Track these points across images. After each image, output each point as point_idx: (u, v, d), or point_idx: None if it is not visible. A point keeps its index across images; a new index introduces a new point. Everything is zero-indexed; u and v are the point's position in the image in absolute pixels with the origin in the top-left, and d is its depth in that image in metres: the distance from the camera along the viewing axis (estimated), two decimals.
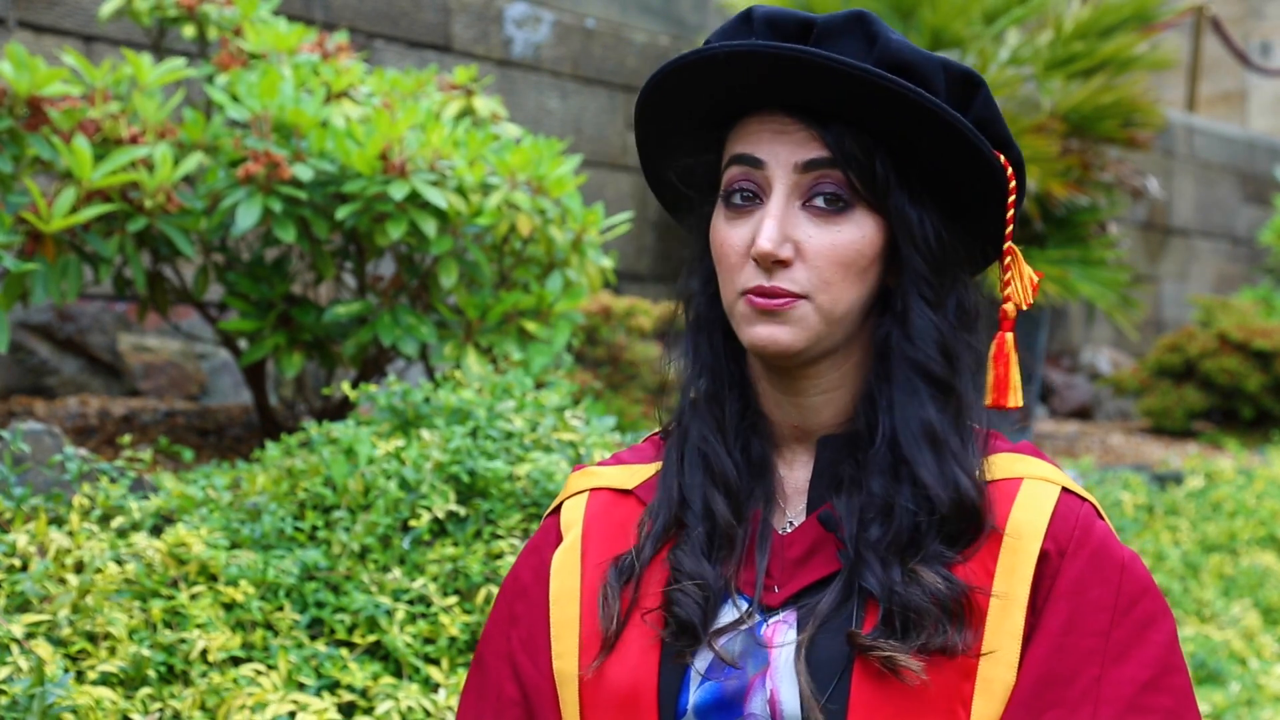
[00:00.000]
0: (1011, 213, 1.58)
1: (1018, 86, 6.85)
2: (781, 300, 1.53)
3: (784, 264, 1.53)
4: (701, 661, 1.55)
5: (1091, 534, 1.55)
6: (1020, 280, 1.62)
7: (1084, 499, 1.58)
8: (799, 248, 1.53)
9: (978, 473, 1.57)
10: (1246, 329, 8.41)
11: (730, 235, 1.57)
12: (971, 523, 1.55)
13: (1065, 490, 1.58)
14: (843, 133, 1.53)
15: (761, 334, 1.54)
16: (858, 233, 1.54)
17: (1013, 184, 1.57)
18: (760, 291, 1.54)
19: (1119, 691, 1.50)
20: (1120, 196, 7.44)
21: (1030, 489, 1.57)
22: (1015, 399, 1.61)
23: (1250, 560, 5.97)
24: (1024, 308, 1.62)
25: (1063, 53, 7.07)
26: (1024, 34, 7.22)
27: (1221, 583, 5.81)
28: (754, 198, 1.56)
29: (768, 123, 1.56)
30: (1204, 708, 4.79)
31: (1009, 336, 1.60)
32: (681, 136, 1.64)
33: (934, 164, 1.55)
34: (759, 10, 1.58)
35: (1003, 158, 1.56)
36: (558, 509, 1.73)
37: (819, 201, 1.54)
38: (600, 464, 1.75)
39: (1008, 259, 1.62)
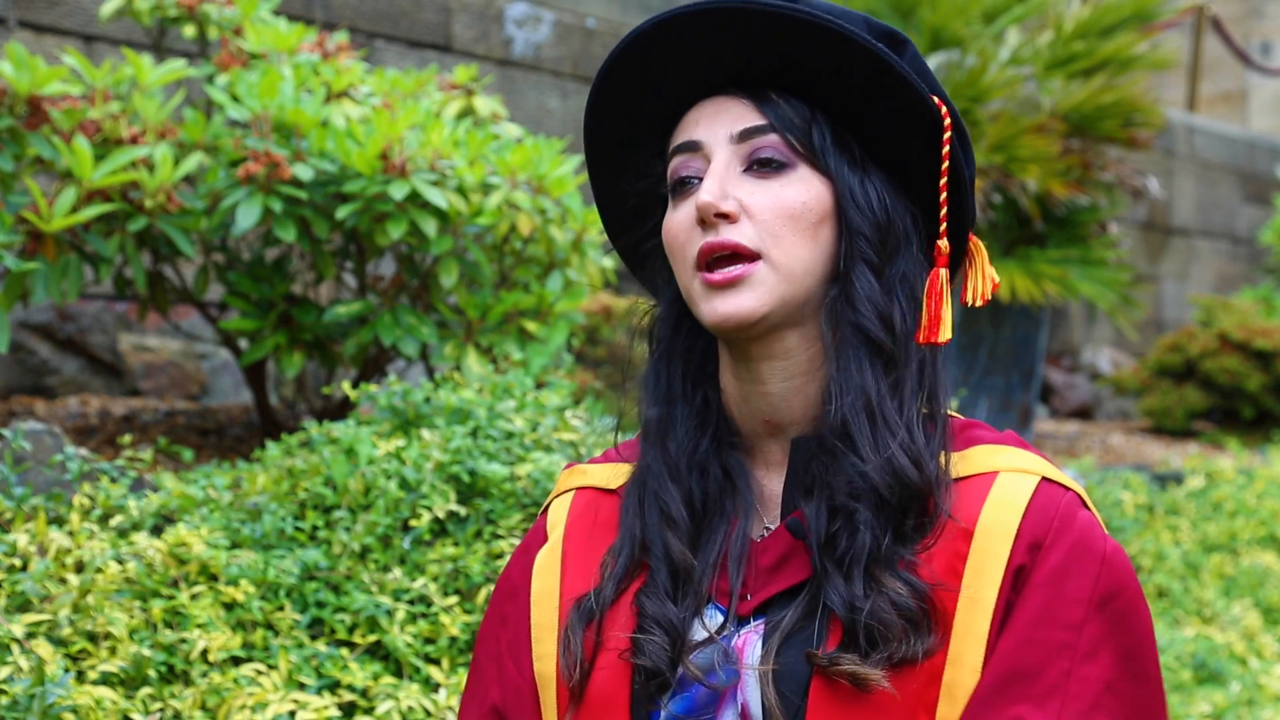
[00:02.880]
0: (947, 149, 1.56)
1: (1018, 86, 6.85)
2: (738, 269, 1.52)
3: (728, 218, 1.52)
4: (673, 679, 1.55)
5: (1072, 524, 1.51)
6: (980, 277, 1.62)
7: (1067, 488, 1.55)
8: (743, 205, 1.53)
9: (926, 459, 1.52)
10: (1247, 329, 8.41)
11: (676, 217, 1.57)
12: (915, 504, 1.51)
13: (1046, 480, 1.54)
14: (778, 100, 1.55)
15: (721, 308, 1.52)
16: (802, 188, 1.54)
17: (948, 122, 1.56)
18: (709, 249, 1.52)
19: (1086, 689, 1.47)
20: (1121, 196, 7.44)
21: (1005, 483, 1.53)
22: (945, 333, 1.56)
23: (1251, 560, 5.97)
24: (976, 304, 1.61)
25: (1063, 52, 7.07)
26: (1024, 34, 7.22)
27: (1222, 583, 5.81)
28: (697, 180, 1.56)
29: (704, 108, 1.58)
30: (1204, 707, 4.79)
31: (943, 272, 1.57)
32: (629, 156, 1.64)
33: (872, 123, 1.56)
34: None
35: (937, 100, 1.56)
36: (547, 508, 1.73)
37: (758, 165, 1.55)
38: (592, 461, 1.75)
39: (972, 253, 1.62)
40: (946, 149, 1.56)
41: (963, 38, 6.84)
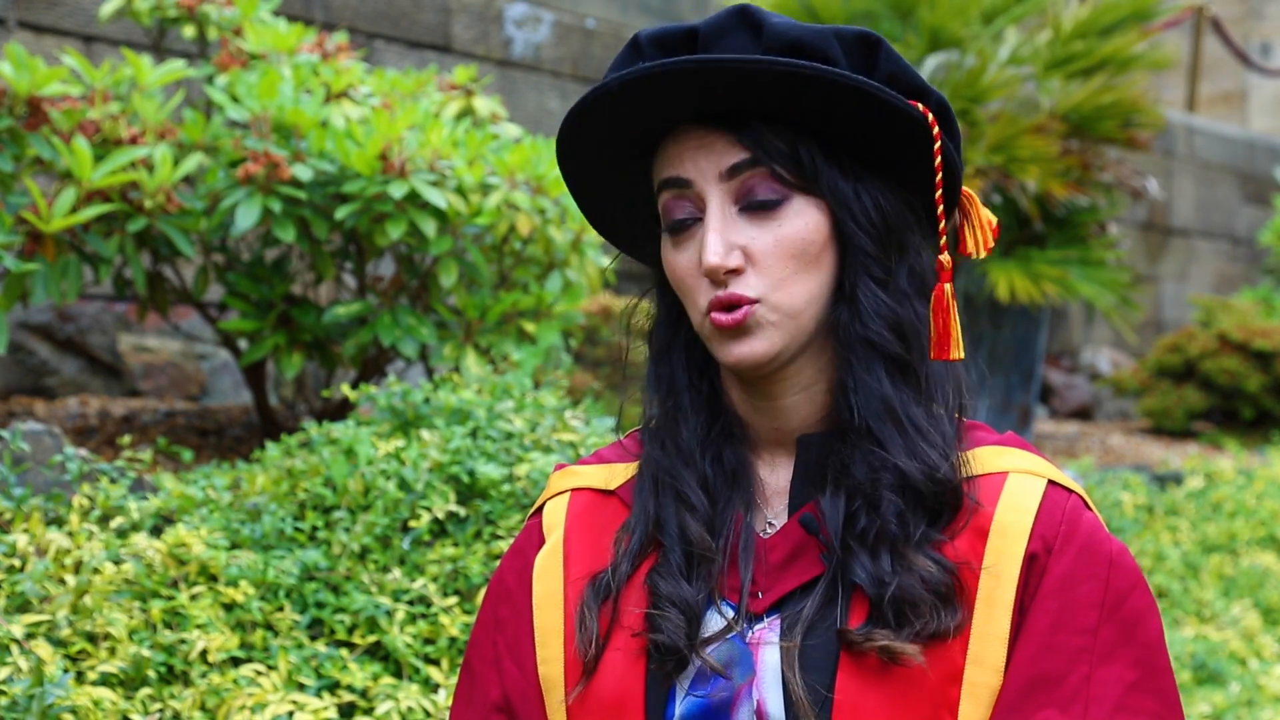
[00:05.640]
0: (940, 160, 1.55)
1: (1017, 86, 6.85)
2: (740, 311, 1.53)
3: (736, 272, 1.53)
4: (687, 674, 1.54)
5: (1079, 528, 1.54)
6: (977, 228, 1.61)
7: (1070, 490, 1.57)
8: (747, 252, 1.53)
9: (952, 452, 1.55)
10: (1246, 329, 8.41)
11: (680, 260, 1.57)
12: (948, 499, 1.54)
13: (1051, 483, 1.56)
14: (760, 130, 1.53)
15: (734, 352, 1.54)
16: (800, 222, 1.54)
17: (936, 129, 1.55)
18: (719, 303, 1.53)
19: (1107, 691, 1.50)
20: (1120, 197, 7.44)
21: (1015, 484, 1.55)
22: (957, 351, 1.57)
23: (1250, 560, 5.97)
24: (981, 255, 1.61)
25: (1062, 52, 7.07)
26: (1023, 33, 7.21)
27: (1221, 583, 5.81)
28: (693, 218, 1.56)
29: (686, 140, 1.56)
30: (1204, 708, 4.80)
31: (947, 288, 1.57)
32: (610, 174, 1.63)
33: (859, 136, 1.55)
34: (643, 34, 1.58)
35: (921, 106, 1.55)
36: (539, 509, 1.72)
37: (753, 202, 1.54)
38: (581, 462, 1.74)
39: (966, 206, 1.60)
40: (939, 159, 1.56)
41: (961, 38, 6.84)
